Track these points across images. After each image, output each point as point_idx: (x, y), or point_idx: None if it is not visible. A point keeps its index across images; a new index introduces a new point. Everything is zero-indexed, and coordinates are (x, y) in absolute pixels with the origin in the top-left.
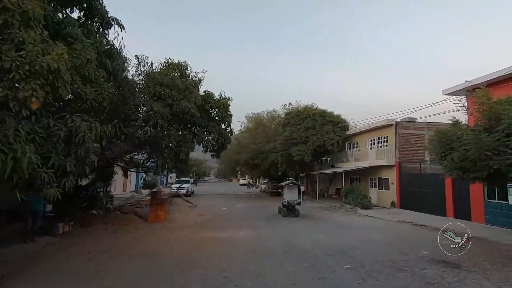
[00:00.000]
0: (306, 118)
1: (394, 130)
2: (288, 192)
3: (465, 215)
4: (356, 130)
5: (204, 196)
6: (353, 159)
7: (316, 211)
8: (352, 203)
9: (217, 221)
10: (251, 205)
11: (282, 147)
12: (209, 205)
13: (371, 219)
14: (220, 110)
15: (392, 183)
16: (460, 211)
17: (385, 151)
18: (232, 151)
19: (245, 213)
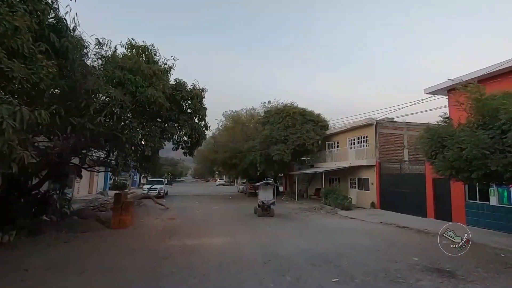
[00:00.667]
0: (286, 117)
1: (375, 129)
2: (263, 193)
3: (445, 216)
4: (336, 129)
5: (179, 197)
6: (333, 159)
7: (296, 212)
8: (332, 204)
9: (189, 226)
10: (228, 207)
11: (261, 146)
12: (182, 207)
13: (353, 221)
14: (193, 102)
15: (372, 184)
16: (440, 212)
17: (365, 151)
18: (209, 150)
19: (221, 216)
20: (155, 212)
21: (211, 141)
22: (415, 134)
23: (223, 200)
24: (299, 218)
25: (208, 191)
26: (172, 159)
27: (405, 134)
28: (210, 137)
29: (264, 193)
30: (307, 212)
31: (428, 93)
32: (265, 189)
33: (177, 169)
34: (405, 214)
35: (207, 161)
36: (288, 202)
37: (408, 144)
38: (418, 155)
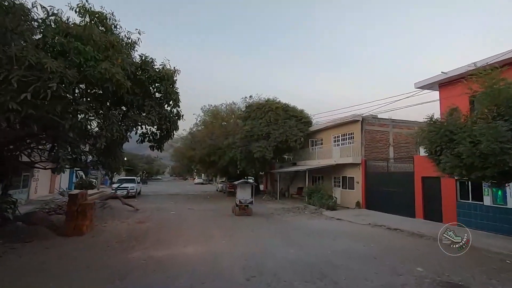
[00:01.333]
0: (268, 112)
1: (361, 126)
2: (242, 191)
3: (435, 217)
4: (320, 126)
5: (153, 197)
6: (317, 157)
7: (279, 213)
8: (317, 204)
9: (160, 231)
10: (206, 207)
11: (242, 142)
12: (155, 208)
13: (340, 223)
14: (163, 84)
15: (358, 182)
16: (430, 212)
17: (351, 148)
18: (186, 147)
19: (197, 218)
20: (122, 215)
21: (188, 137)
22: (401, 131)
23: (201, 199)
24: (283, 219)
25: (185, 190)
26: (148, 157)
27: (390, 131)
28: (188, 133)
29: (242, 192)
30: (290, 212)
31: (419, 87)
32: (243, 188)
33: (154, 167)
34: (392, 215)
35: (184, 158)
36: (269, 202)
37: (394, 141)
38: (403, 153)
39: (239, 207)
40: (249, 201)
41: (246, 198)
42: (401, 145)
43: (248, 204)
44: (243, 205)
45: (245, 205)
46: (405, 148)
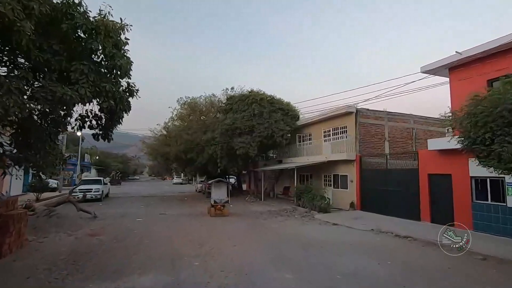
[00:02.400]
0: (252, 104)
1: (355, 119)
2: (216, 191)
3: (444, 219)
4: (308, 120)
5: (122, 200)
6: (305, 153)
7: (266, 217)
8: (307, 206)
9: (112, 248)
10: (180, 211)
11: (223, 138)
12: (119, 214)
13: (338, 229)
14: (100, 41)
15: (352, 181)
16: (438, 214)
17: (345, 143)
18: (160, 143)
19: (167, 227)
20: (73, 225)
21: (163, 132)
22: (396, 125)
23: (177, 201)
24: (271, 226)
25: (162, 191)
26: (124, 156)
27: (386, 125)
28: (163, 128)
29: (217, 191)
30: (278, 216)
31: (426, 72)
32: (218, 187)
33: (130, 167)
34: (393, 217)
35: (158, 156)
36: (253, 203)
37: (389, 136)
38: (398, 148)
39: (215, 207)
40: (224, 201)
41: (222, 198)
42: (396, 139)
43: (224, 204)
44: (218, 205)
45: (221, 205)
46: (401, 143)
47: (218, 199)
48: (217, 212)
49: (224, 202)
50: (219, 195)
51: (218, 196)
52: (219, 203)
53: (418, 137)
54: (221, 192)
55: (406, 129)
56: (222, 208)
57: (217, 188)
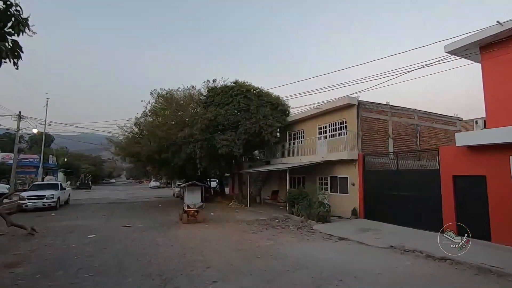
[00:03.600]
0: (237, 96)
1: (357, 112)
2: (189, 195)
3: (477, 232)
4: (301, 115)
5: (84, 208)
6: (297, 153)
7: (255, 230)
8: (304, 214)
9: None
10: (150, 221)
11: (203, 135)
12: (69, 228)
13: (349, 247)
14: None
15: (353, 184)
16: (468, 225)
17: (345, 141)
18: (129, 141)
19: (123, 249)
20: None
21: (133, 129)
22: (400, 121)
23: (148, 209)
24: (263, 243)
25: (136, 195)
26: (97, 157)
27: (389, 120)
28: (134, 124)
29: (190, 196)
30: (269, 228)
31: (450, 51)
32: (191, 191)
33: (103, 169)
34: (407, 228)
35: (127, 156)
36: (238, 210)
37: (393, 133)
38: (402, 147)
39: (187, 213)
40: (198, 205)
41: (196, 202)
42: (400, 137)
43: (198, 209)
44: (192, 210)
45: (195, 210)
46: (405, 141)
47: (192, 203)
48: (190, 219)
49: (198, 206)
50: (193, 199)
51: (191, 200)
52: (192, 208)
53: (422, 135)
54: (194, 196)
55: (410, 125)
56: (196, 214)
57: (190, 192)
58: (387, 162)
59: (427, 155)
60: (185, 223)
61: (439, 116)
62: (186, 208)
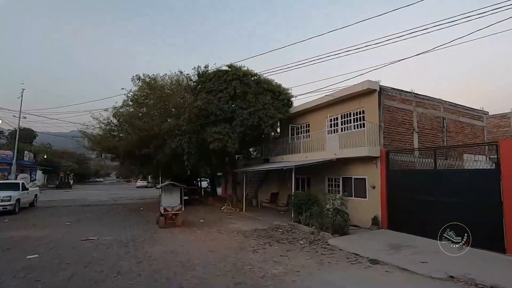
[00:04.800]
0: (233, 82)
1: (378, 99)
2: (168, 196)
3: None
4: (307, 105)
5: (51, 211)
6: (301, 150)
7: (255, 246)
8: (316, 224)
9: None
10: (121, 232)
11: (191, 127)
12: (15, 239)
13: (391, 277)
14: None
15: (373, 187)
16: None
17: (365, 134)
18: (105, 134)
19: (66, 282)
20: None
21: (111, 120)
22: (425, 112)
23: (127, 213)
24: (269, 270)
25: (118, 196)
26: (81, 155)
27: (414, 111)
28: (113, 115)
29: (168, 197)
30: (273, 242)
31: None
32: (169, 192)
33: (89, 168)
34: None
35: (103, 150)
36: (232, 215)
37: (418, 126)
38: (428, 143)
39: (165, 216)
40: (177, 208)
41: (174, 205)
42: (426, 131)
43: (177, 212)
44: (169, 213)
45: (173, 213)
46: (431, 136)
47: (170, 206)
48: (167, 222)
49: (176, 209)
50: (171, 202)
51: (170, 202)
52: (170, 211)
53: (449, 130)
54: (173, 198)
55: (436, 118)
56: (175, 217)
57: (168, 193)
58: (411, 161)
59: (454, 153)
60: (162, 228)
61: (466, 109)
62: (163, 211)
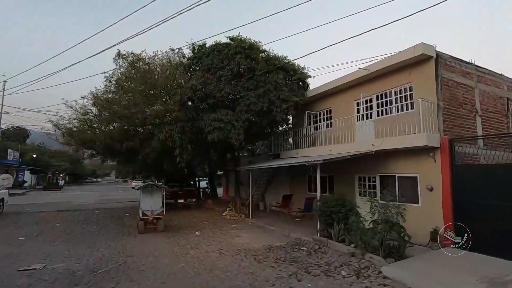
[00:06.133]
0: (236, 56)
1: (435, 70)
2: (147, 199)
3: None
4: (328, 85)
5: (17, 217)
6: (322, 141)
7: (276, 282)
8: (358, 241)
9: None
10: (83, 256)
11: (184, 113)
12: None
13: None
14: None
15: (431, 189)
16: None
17: (420, 115)
18: (81, 125)
19: None
20: None
21: (91, 110)
22: (488, 90)
23: (106, 222)
24: None
25: (109, 198)
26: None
27: (476, 88)
28: (92, 103)
29: (148, 200)
30: (302, 273)
31: None
32: (149, 194)
33: (83, 167)
34: None
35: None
36: (236, 223)
37: (481, 107)
38: (493, 129)
39: (145, 221)
40: (158, 212)
41: (155, 208)
42: (490, 114)
43: (159, 216)
44: (149, 218)
45: (154, 217)
46: (495, 120)
47: (149, 210)
48: (147, 227)
49: (157, 214)
50: (151, 205)
51: (150, 205)
52: (149, 215)
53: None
54: (154, 200)
55: (500, 98)
56: (156, 222)
57: (148, 196)
58: (475, 154)
59: None
60: (141, 233)
61: None
62: (141, 215)
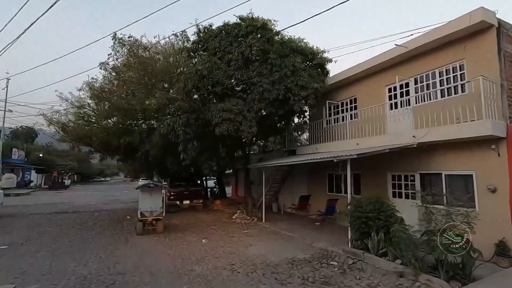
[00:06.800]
0: (247, 37)
1: (497, 43)
2: (145, 199)
3: None
4: (353, 70)
5: (8, 221)
6: (347, 135)
7: None
8: (408, 256)
9: None
10: (67, 277)
11: (189, 102)
12: None
13: None
14: None
15: (493, 190)
16: None
17: (481, 98)
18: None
19: None
20: None
21: (88, 102)
22: None
23: (104, 226)
24: None
25: (113, 199)
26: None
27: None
28: (90, 96)
29: (147, 200)
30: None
31: None
32: (148, 193)
33: (91, 167)
34: None
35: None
36: (248, 228)
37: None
38: None
39: (144, 222)
40: (159, 212)
41: (154, 209)
42: None
43: (158, 217)
44: (149, 219)
45: (154, 219)
46: None
47: (148, 210)
48: (146, 229)
49: (157, 214)
50: (150, 205)
51: (149, 206)
52: (149, 216)
53: None
54: (153, 200)
55: None
56: (155, 223)
57: (147, 196)
58: None
59: None
60: (139, 234)
61: None
62: (140, 216)
